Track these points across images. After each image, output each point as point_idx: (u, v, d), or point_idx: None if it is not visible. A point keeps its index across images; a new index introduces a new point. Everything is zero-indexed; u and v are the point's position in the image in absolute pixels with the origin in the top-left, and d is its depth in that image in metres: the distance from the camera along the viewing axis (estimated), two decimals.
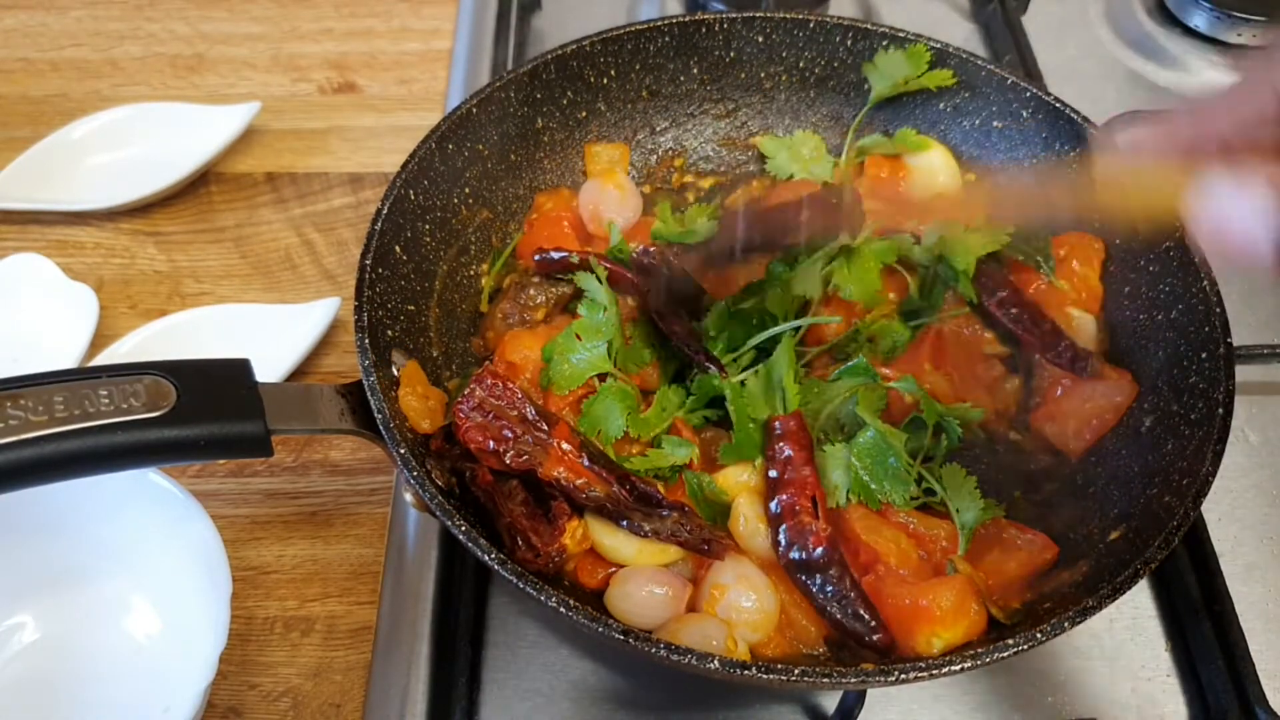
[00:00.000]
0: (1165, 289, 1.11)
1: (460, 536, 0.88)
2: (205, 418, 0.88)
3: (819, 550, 0.96)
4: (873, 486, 1.01)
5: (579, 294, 1.10)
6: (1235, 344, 1.03)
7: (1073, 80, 1.58)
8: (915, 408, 1.07)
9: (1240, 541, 1.15)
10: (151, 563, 1.02)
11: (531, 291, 1.12)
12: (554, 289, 1.13)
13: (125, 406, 0.86)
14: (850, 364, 1.09)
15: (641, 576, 0.96)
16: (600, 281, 1.09)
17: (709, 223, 1.21)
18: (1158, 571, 1.10)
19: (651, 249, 1.16)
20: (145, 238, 1.41)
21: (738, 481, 1.03)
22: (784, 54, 1.32)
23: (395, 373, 1.02)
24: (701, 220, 1.22)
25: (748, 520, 1.00)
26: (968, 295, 1.14)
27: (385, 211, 1.07)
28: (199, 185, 1.47)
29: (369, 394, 0.96)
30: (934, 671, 0.84)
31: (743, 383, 1.07)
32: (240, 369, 0.93)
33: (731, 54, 1.32)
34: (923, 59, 1.25)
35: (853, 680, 0.84)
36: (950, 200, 1.25)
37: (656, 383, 1.10)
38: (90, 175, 1.45)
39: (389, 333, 1.04)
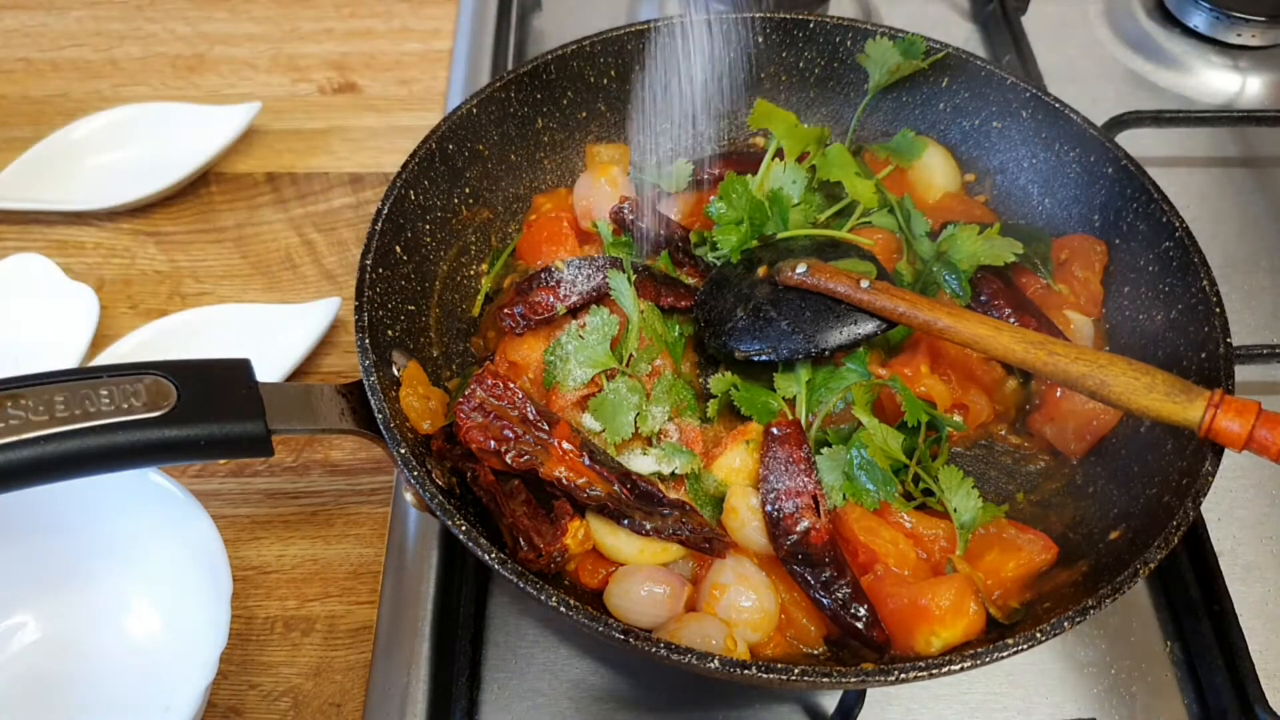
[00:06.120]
0: (1165, 289, 1.11)
1: (460, 536, 0.88)
2: (206, 418, 0.88)
3: (819, 544, 0.96)
4: (870, 487, 1.01)
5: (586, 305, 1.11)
6: (1235, 344, 1.03)
7: (1073, 80, 1.58)
8: None
9: (1240, 541, 1.15)
10: (151, 563, 1.02)
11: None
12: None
13: (126, 406, 0.86)
14: (852, 354, 1.09)
15: (641, 575, 0.96)
16: (629, 282, 1.09)
17: (687, 165, 1.26)
18: (1158, 571, 1.10)
19: (625, 204, 1.16)
20: (146, 238, 1.41)
21: (731, 469, 1.03)
22: (784, 54, 1.32)
23: (396, 373, 1.02)
24: (680, 162, 1.27)
25: (739, 512, 1.00)
26: (964, 295, 1.14)
27: (385, 211, 1.07)
28: (199, 185, 1.47)
29: (369, 394, 0.96)
30: (934, 671, 0.84)
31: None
32: (241, 369, 0.93)
33: (732, 54, 1.32)
34: (918, 48, 1.25)
35: (853, 680, 0.84)
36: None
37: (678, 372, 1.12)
38: (90, 175, 1.45)
39: (389, 333, 1.04)
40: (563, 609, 0.84)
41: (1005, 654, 0.84)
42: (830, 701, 1.01)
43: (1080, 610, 0.86)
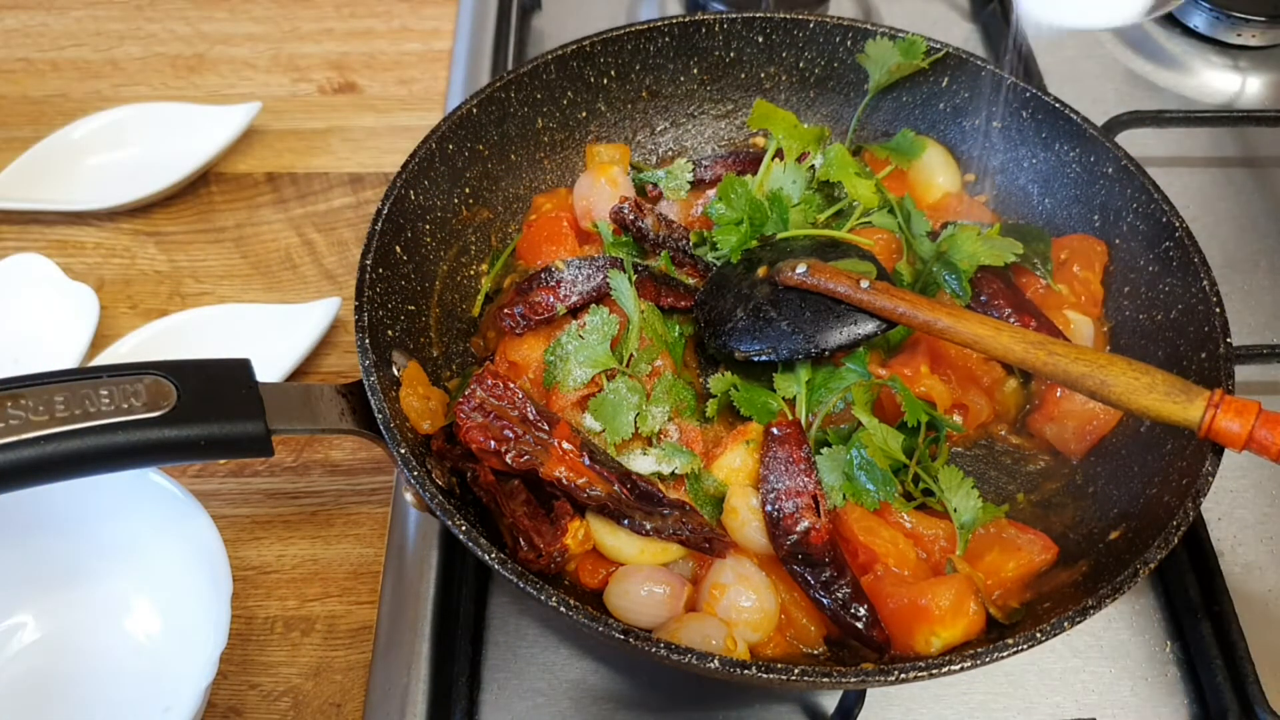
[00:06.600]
0: (1165, 289, 1.11)
1: (460, 536, 0.88)
2: (206, 418, 0.88)
3: (819, 544, 0.96)
4: (870, 487, 1.01)
5: (586, 305, 1.11)
6: (1235, 344, 1.03)
7: (1073, 80, 1.58)
8: None
9: (1240, 541, 1.15)
10: (151, 563, 1.02)
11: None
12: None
13: (126, 406, 0.86)
14: (852, 354, 1.09)
15: (641, 575, 0.96)
16: (630, 283, 1.09)
17: (687, 165, 1.27)
18: (1158, 571, 1.10)
19: (625, 204, 1.16)
20: (145, 238, 1.41)
21: (731, 469, 1.04)
22: (784, 54, 1.32)
23: (396, 373, 1.02)
24: (680, 162, 1.27)
25: (739, 512, 1.00)
26: (964, 295, 1.14)
27: (385, 211, 1.07)
28: (199, 185, 1.47)
29: (369, 394, 0.96)
30: (934, 671, 0.84)
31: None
32: (241, 369, 0.93)
33: (731, 54, 1.32)
34: (918, 48, 1.25)
35: (853, 680, 0.84)
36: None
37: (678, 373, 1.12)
38: (90, 175, 1.45)
39: (389, 333, 1.04)
40: (563, 609, 0.84)
41: (1005, 654, 0.84)
42: (830, 701, 1.01)
43: (1080, 610, 0.86)
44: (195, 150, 1.44)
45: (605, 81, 1.29)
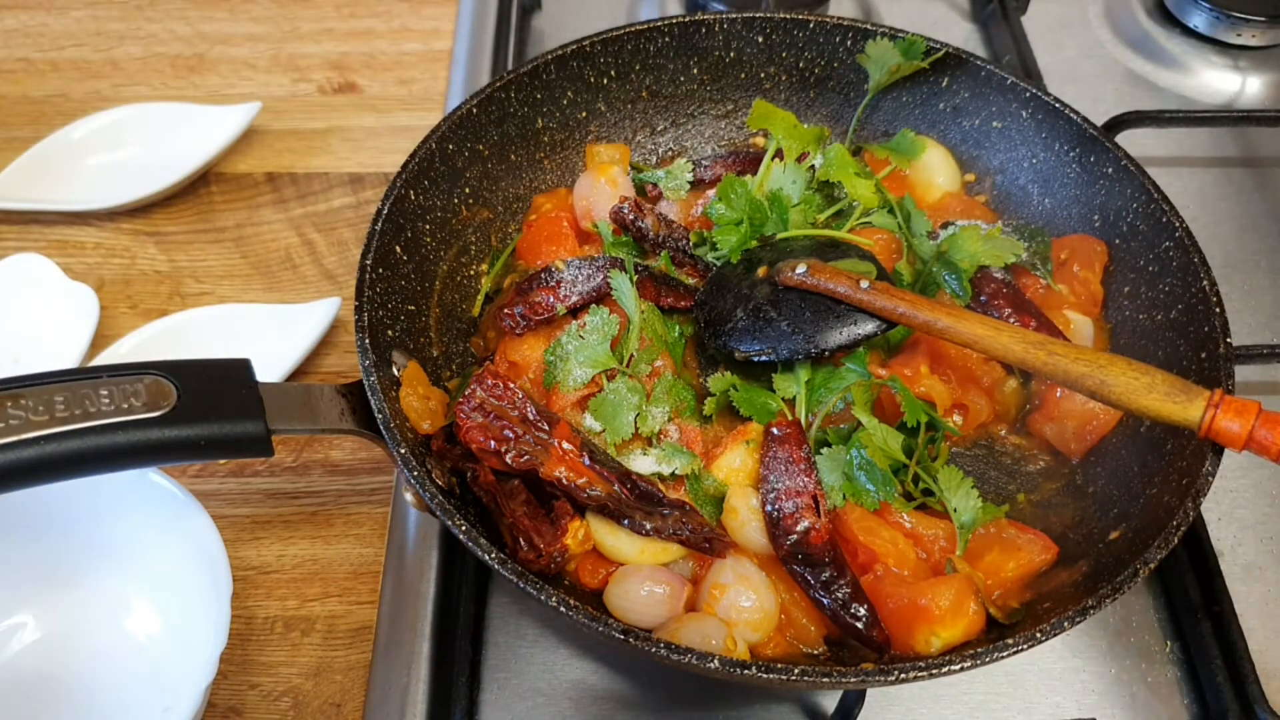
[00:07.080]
0: (1165, 289, 1.11)
1: (460, 536, 0.88)
2: (206, 418, 0.88)
3: (819, 544, 0.96)
4: (870, 487, 1.01)
5: (586, 305, 1.11)
6: (1235, 344, 1.03)
7: (1073, 80, 1.58)
8: None
9: (1240, 541, 1.15)
10: (151, 563, 1.02)
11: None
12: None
13: (126, 406, 0.86)
14: (852, 354, 1.09)
15: (640, 575, 0.96)
16: (630, 282, 1.09)
17: (687, 165, 1.27)
18: (1158, 571, 1.10)
19: (625, 204, 1.16)
20: (145, 238, 1.41)
21: (731, 469, 1.04)
22: (784, 54, 1.32)
23: (396, 373, 1.02)
24: (680, 162, 1.28)
25: (739, 512, 1.00)
26: (964, 295, 1.14)
27: (385, 211, 1.07)
28: (199, 185, 1.47)
29: (369, 394, 0.96)
30: (934, 671, 0.84)
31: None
32: (241, 369, 0.93)
33: (731, 54, 1.32)
34: (918, 48, 1.25)
35: (853, 680, 0.84)
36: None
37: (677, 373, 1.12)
38: (90, 175, 1.45)
39: (389, 333, 1.05)
40: (563, 609, 0.84)
41: (1005, 654, 0.84)
42: (830, 701, 1.01)
43: (1080, 610, 0.86)
44: (195, 150, 1.44)
45: (605, 81, 1.29)
